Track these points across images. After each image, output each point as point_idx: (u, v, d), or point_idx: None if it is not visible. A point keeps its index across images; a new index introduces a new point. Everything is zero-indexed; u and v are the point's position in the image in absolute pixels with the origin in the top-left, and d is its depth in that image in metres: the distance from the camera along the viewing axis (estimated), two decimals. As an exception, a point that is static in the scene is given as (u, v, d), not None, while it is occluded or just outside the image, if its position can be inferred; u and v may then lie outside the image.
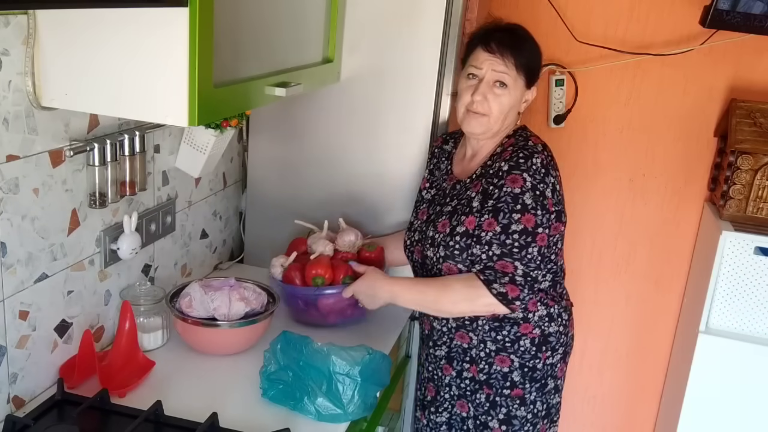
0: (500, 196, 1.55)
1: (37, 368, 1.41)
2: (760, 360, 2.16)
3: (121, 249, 1.56)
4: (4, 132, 1.23)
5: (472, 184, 1.63)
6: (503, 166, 1.57)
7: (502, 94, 1.58)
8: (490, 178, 1.59)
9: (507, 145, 1.63)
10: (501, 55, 1.57)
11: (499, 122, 1.60)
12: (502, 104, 1.58)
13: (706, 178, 2.38)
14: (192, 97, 1.15)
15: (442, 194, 1.72)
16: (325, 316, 1.78)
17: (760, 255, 2.10)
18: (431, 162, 1.83)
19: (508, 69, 1.57)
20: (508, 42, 1.58)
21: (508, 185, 1.54)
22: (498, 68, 1.57)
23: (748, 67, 2.27)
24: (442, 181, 1.76)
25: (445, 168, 1.77)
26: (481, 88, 1.58)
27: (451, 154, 1.79)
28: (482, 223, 1.56)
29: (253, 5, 1.33)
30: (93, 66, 1.20)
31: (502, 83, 1.58)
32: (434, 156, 1.83)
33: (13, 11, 1.19)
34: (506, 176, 1.55)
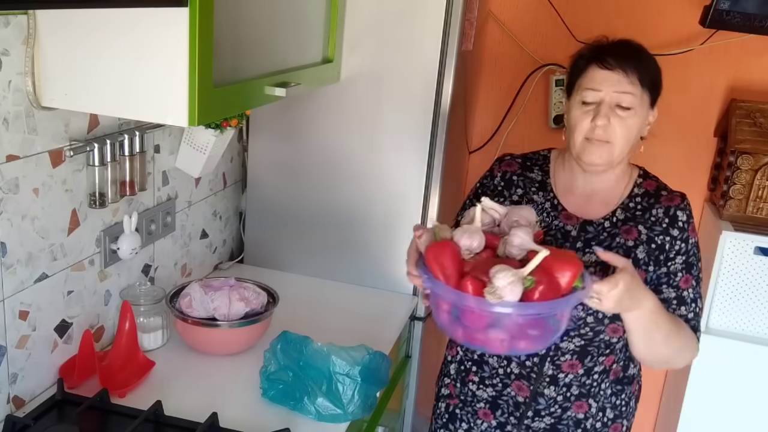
0: (689, 250, 1.38)
1: (37, 368, 1.41)
2: (760, 360, 2.16)
3: (121, 249, 1.56)
4: (4, 132, 1.23)
5: (617, 228, 1.39)
6: (680, 215, 1.38)
7: (627, 116, 1.32)
8: (654, 225, 1.38)
9: (649, 187, 1.43)
10: (623, 71, 1.32)
11: (624, 151, 1.36)
12: (629, 129, 1.33)
13: (706, 178, 2.38)
14: (192, 97, 1.15)
15: (563, 235, 1.41)
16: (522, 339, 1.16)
17: (760, 255, 2.10)
18: (510, 192, 1.48)
19: (633, 87, 1.32)
20: (628, 55, 1.34)
21: (692, 236, 1.39)
22: (621, 87, 1.32)
23: (748, 67, 2.27)
24: (551, 218, 1.43)
25: (549, 202, 1.44)
26: (603, 110, 1.32)
27: (547, 185, 1.47)
28: (677, 281, 1.37)
29: (253, 5, 1.33)
30: (93, 66, 1.20)
31: (626, 106, 1.32)
32: (514, 184, 1.48)
33: (13, 11, 1.19)
34: (689, 227, 1.39)
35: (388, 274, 2.04)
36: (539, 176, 1.48)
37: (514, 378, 1.45)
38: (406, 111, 1.93)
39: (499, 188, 1.49)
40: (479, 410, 1.51)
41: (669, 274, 1.37)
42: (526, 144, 2.51)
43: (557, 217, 1.43)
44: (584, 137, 1.34)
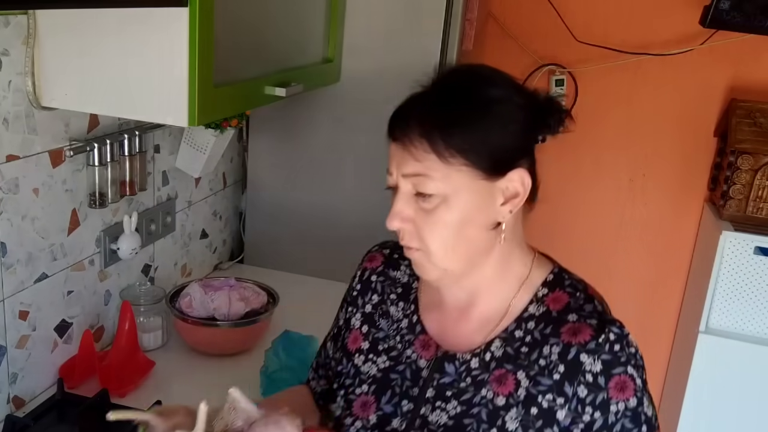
0: (610, 424, 0.86)
1: (37, 368, 1.41)
2: (760, 360, 2.16)
3: (121, 249, 1.56)
4: (4, 132, 1.23)
5: (488, 372, 0.91)
6: (586, 361, 0.86)
7: (432, 208, 0.87)
8: (542, 374, 0.88)
9: (553, 304, 0.92)
10: (406, 143, 0.88)
11: (454, 257, 0.90)
12: (438, 226, 0.88)
13: (706, 178, 2.38)
14: (192, 97, 1.15)
15: (413, 375, 0.96)
16: None
17: (760, 255, 2.10)
18: (365, 299, 1.06)
19: (424, 164, 0.86)
20: (421, 114, 0.88)
21: (616, 398, 0.86)
22: (407, 168, 0.88)
23: (748, 67, 2.27)
24: (404, 344, 0.98)
25: (407, 318, 1.00)
26: (397, 205, 0.91)
27: (411, 291, 1.02)
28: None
29: (253, 5, 1.33)
30: (93, 66, 1.20)
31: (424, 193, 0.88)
32: (371, 288, 1.06)
33: (13, 11, 1.19)
34: (608, 383, 0.86)
35: None
36: (405, 276, 1.05)
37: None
38: (406, 111, 1.92)
39: (354, 294, 1.08)
40: None
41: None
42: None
43: (412, 343, 0.97)
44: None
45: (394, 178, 0.92)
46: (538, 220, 2.73)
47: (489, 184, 0.87)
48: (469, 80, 0.90)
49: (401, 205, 0.90)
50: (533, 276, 0.95)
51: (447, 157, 0.85)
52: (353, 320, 1.06)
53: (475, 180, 0.86)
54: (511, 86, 0.90)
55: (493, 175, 0.87)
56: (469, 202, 0.87)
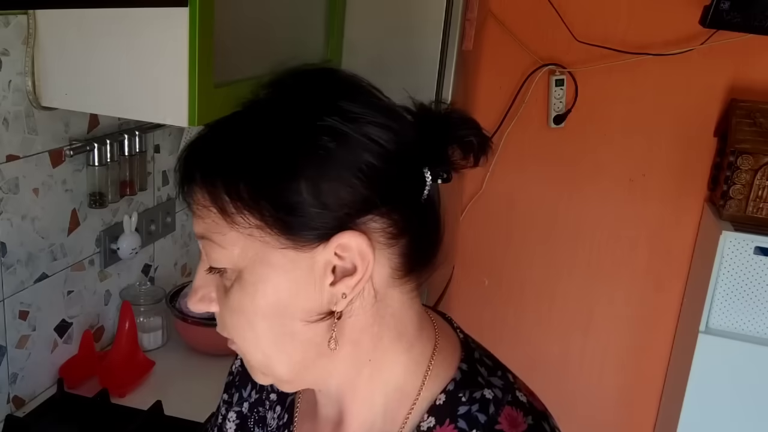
0: None
1: (37, 368, 1.41)
2: (760, 360, 2.16)
3: (121, 249, 1.56)
4: (4, 132, 1.23)
5: None
6: None
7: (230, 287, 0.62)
8: None
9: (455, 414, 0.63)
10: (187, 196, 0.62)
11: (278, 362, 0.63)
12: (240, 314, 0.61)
13: (706, 178, 2.38)
14: (192, 97, 1.15)
15: None
16: None
17: (760, 255, 2.10)
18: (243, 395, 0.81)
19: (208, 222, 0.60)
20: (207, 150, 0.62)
21: None
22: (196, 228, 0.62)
23: (748, 67, 2.27)
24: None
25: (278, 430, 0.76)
26: (196, 280, 0.65)
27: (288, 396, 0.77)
28: None
29: (253, 5, 1.33)
30: (93, 66, 1.20)
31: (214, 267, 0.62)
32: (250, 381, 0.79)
33: (13, 11, 1.19)
34: None
35: None
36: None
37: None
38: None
39: (234, 383, 0.83)
40: None
41: None
42: (526, 144, 2.51)
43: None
44: None
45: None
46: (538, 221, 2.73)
47: (299, 255, 0.58)
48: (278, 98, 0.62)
49: (200, 278, 0.64)
50: (425, 392, 0.65)
51: (232, 215, 0.58)
52: (227, 422, 0.81)
53: (272, 249, 0.58)
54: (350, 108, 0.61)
55: (301, 243, 0.58)
56: (271, 282, 0.59)
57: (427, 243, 0.63)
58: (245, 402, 0.80)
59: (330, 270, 0.59)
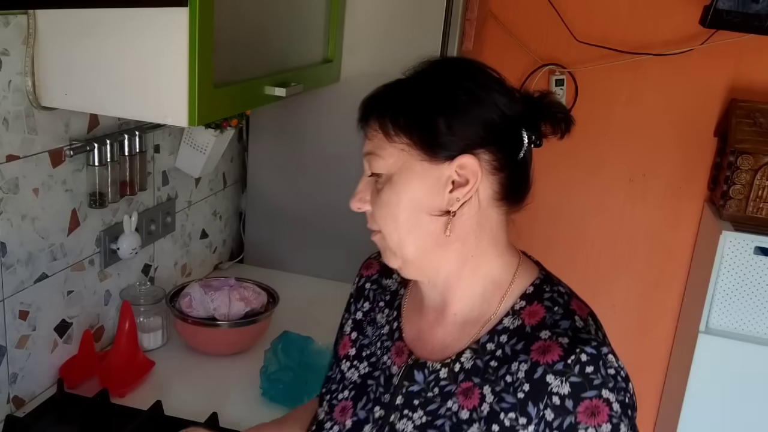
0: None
1: (37, 368, 1.41)
2: (760, 360, 2.16)
3: (121, 249, 1.56)
4: (4, 132, 1.23)
5: (456, 383, 0.87)
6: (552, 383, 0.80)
7: (380, 188, 0.88)
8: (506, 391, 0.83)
9: (529, 318, 0.87)
10: (363, 123, 0.92)
11: (402, 240, 0.87)
12: (387, 207, 0.87)
13: (706, 178, 2.38)
14: (192, 97, 1.15)
15: (386, 381, 0.94)
16: None
17: (760, 255, 2.10)
18: (358, 305, 1.05)
19: (374, 142, 0.88)
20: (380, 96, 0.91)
21: (585, 423, 0.79)
22: (365, 147, 0.91)
23: (748, 67, 2.27)
24: (382, 350, 0.97)
25: (389, 325, 0.98)
26: (358, 186, 0.93)
27: (397, 298, 1.00)
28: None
29: (253, 5, 1.33)
30: (93, 66, 1.20)
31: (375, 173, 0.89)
32: (363, 296, 1.05)
33: (13, 11, 1.19)
34: (576, 407, 0.79)
35: (388, 274, 2.04)
36: (394, 284, 1.03)
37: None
38: (406, 111, 1.93)
39: (350, 300, 1.08)
40: None
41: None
42: (526, 144, 2.51)
43: (389, 349, 0.96)
44: None
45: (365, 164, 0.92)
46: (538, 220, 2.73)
47: (432, 167, 0.85)
48: (432, 69, 0.91)
49: (362, 186, 0.92)
50: (515, 285, 0.89)
51: (392, 136, 0.86)
52: (346, 326, 1.06)
53: (415, 161, 0.85)
54: (482, 81, 0.87)
55: (435, 159, 0.84)
56: (412, 184, 0.85)
57: (519, 184, 0.89)
58: (359, 311, 1.04)
59: (450, 181, 0.85)
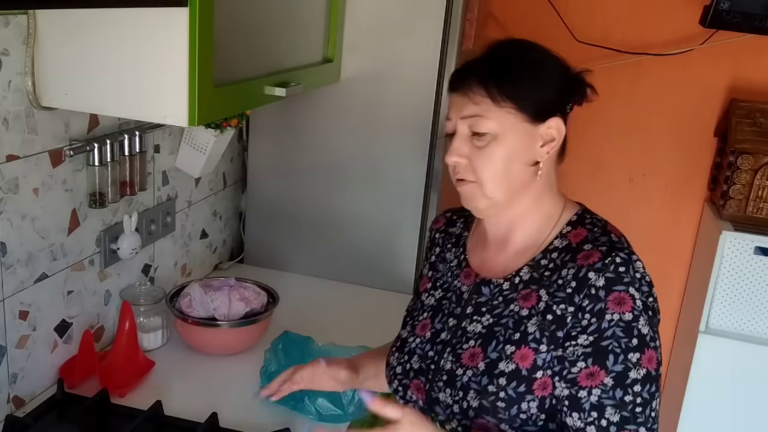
0: (603, 329, 0.98)
1: (37, 368, 1.41)
2: (760, 360, 2.17)
3: (121, 249, 1.56)
4: (4, 132, 1.23)
5: (516, 292, 1.08)
6: (593, 277, 1.00)
7: (484, 145, 1.05)
8: (558, 290, 1.03)
9: (574, 238, 1.08)
10: (465, 90, 1.06)
11: (501, 187, 1.07)
12: (492, 159, 1.05)
13: (706, 178, 2.38)
14: (192, 97, 1.15)
15: (457, 298, 1.16)
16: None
17: (760, 255, 2.10)
18: (431, 252, 1.30)
19: (480, 106, 1.04)
20: (478, 67, 1.07)
21: (612, 309, 0.98)
22: (466, 110, 1.06)
23: (748, 67, 2.27)
24: (453, 277, 1.20)
25: (457, 259, 1.22)
26: (455, 144, 1.08)
27: (462, 239, 1.24)
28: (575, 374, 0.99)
29: (253, 5, 1.33)
30: (93, 66, 1.20)
31: (479, 132, 1.05)
32: (435, 243, 1.30)
33: (13, 11, 1.19)
34: (607, 296, 0.99)
35: (388, 273, 2.04)
36: (459, 230, 1.27)
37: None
38: (406, 111, 1.93)
39: (427, 250, 1.32)
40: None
41: (564, 361, 1.01)
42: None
43: (458, 276, 1.19)
44: (455, 179, 1.11)
45: (453, 122, 1.08)
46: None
47: (531, 127, 1.06)
48: (518, 45, 1.11)
49: (459, 143, 1.07)
50: (563, 217, 1.12)
51: (499, 102, 1.04)
52: (424, 270, 1.29)
53: (520, 122, 1.05)
54: (551, 55, 1.11)
55: (535, 121, 1.06)
56: (515, 141, 1.05)
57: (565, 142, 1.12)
58: (433, 256, 1.27)
59: (541, 138, 1.07)
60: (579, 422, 0.99)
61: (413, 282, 2.03)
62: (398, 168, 1.97)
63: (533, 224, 1.12)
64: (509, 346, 1.04)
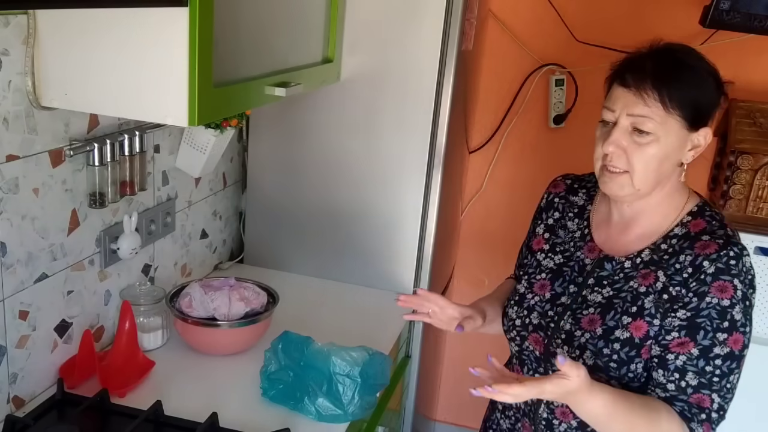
0: (701, 308, 1.14)
1: (37, 368, 1.41)
2: (760, 360, 2.16)
3: (121, 249, 1.56)
4: (4, 132, 1.23)
5: (637, 271, 1.23)
6: (706, 265, 1.15)
7: (645, 143, 1.17)
8: (675, 274, 1.18)
9: (693, 228, 1.22)
10: (639, 91, 1.16)
11: (649, 181, 1.19)
12: (648, 157, 1.17)
13: (706, 178, 2.38)
14: (192, 97, 1.15)
15: (579, 269, 1.30)
16: None
17: (760, 255, 2.10)
18: (548, 214, 1.42)
19: (651, 109, 1.15)
20: (653, 71, 1.16)
21: (714, 294, 1.14)
22: (635, 109, 1.16)
23: (748, 67, 2.27)
24: (576, 248, 1.33)
25: (580, 231, 1.34)
26: (614, 135, 1.18)
27: (585, 211, 1.36)
28: (668, 341, 1.16)
29: (253, 5, 1.33)
30: (93, 66, 1.20)
31: (642, 130, 1.17)
32: (553, 207, 1.41)
33: (13, 11, 1.19)
34: (712, 282, 1.14)
35: (388, 274, 2.04)
36: (581, 200, 1.38)
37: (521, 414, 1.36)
38: (406, 111, 1.93)
39: (541, 210, 1.44)
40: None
41: (662, 329, 1.17)
42: (525, 144, 2.51)
43: (582, 248, 1.32)
44: (601, 164, 1.23)
45: (616, 114, 1.19)
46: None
47: (688, 133, 1.19)
48: (686, 52, 1.22)
49: (619, 135, 1.19)
50: (685, 208, 1.25)
51: (669, 109, 1.15)
52: (537, 229, 1.42)
53: (681, 129, 1.18)
54: (710, 65, 1.22)
55: (693, 128, 1.18)
56: (672, 144, 1.18)
57: None
58: (550, 218, 1.40)
59: (691, 143, 1.20)
60: (662, 378, 1.16)
61: (413, 282, 2.03)
62: (398, 168, 1.97)
63: (660, 213, 1.25)
64: (626, 317, 1.20)
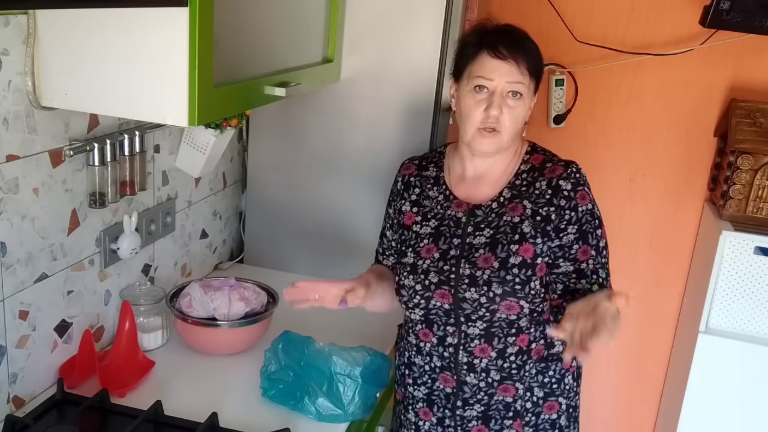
0: (580, 218, 1.39)
1: (37, 368, 1.41)
2: (760, 360, 2.17)
3: (121, 249, 1.56)
4: (4, 132, 1.23)
5: (504, 207, 1.42)
6: (563, 184, 1.39)
7: (516, 105, 1.38)
8: (539, 198, 1.40)
9: (535, 161, 1.45)
10: (515, 61, 1.36)
11: (512, 137, 1.41)
12: (517, 117, 1.39)
13: (706, 178, 2.38)
14: (192, 97, 1.15)
15: (455, 223, 1.45)
16: None
17: (760, 255, 2.10)
18: (409, 192, 1.54)
19: (523, 77, 1.37)
20: (517, 43, 1.39)
21: (580, 203, 1.39)
22: (513, 77, 1.36)
23: (748, 67, 2.27)
24: (444, 209, 1.47)
25: (443, 194, 1.49)
26: (495, 101, 1.36)
27: (440, 178, 1.52)
28: (573, 253, 1.39)
29: (253, 5, 1.33)
30: (93, 66, 1.20)
31: (517, 93, 1.37)
32: (412, 185, 1.54)
33: (13, 11, 1.19)
34: (576, 195, 1.39)
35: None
36: (434, 172, 1.53)
37: (439, 371, 1.48)
38: (406, 111, 1.93)
39: (400, 191, 1.56)
40: (419, 410, 1.55)
41: (563, 248, 1.39)
42: (526, 144, 2.50)
43: (449, 207, 1.47)
44: (477, 127, 1.39)
45: (494, 83, 1.37)
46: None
47: (533, 96, 1.42)
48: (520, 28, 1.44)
49: (500, 100, 1.37)
50: (521, 151, 1.47)
51: (530, 76, 1.38)
52: (404, 207, 1.53)
53: (531, 92, 1.41)
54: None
55: (535, 91, 1.43)
56: (528, 105, 1.41)
57: None
58: (413, 195, 1.53)
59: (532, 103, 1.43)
60: (586, 284, 1.40)
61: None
62: (398, 168, 1.97)
63: (506, 160, 1.46)
64: (513, 245, 1.39)
